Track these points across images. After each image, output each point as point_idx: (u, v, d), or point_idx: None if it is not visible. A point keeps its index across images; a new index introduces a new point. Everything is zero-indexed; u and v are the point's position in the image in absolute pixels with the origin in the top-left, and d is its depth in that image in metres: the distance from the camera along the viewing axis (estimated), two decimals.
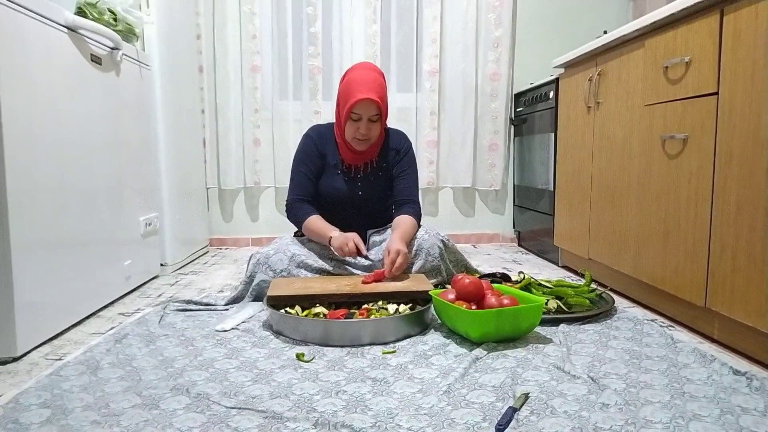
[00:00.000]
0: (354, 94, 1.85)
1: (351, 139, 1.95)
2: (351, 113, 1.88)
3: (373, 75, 1.91)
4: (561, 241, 2.56)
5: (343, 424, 1.03)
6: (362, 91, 1.84)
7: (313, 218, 1.95)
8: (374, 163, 2.06)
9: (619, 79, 1.98)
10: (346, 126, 1.92)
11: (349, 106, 1.86)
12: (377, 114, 1.90)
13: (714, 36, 1.45)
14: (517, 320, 1.46)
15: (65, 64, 1.66)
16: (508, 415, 1.05)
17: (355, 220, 2.04)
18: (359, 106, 1.86)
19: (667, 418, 1.05)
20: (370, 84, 1.87)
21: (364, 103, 1.85)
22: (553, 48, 3.26)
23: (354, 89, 1.86)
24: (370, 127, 1.91)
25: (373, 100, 1.85)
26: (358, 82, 1.87)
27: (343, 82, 1.94)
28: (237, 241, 3.35)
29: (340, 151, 2.03)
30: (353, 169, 2.04)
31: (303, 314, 1.59)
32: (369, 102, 1.85)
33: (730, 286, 1.40)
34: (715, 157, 1.46)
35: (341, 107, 1.94)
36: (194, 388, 1.19)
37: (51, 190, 1.56)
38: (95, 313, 1.82)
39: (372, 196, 2.06)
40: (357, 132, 1.91)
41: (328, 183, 2.04)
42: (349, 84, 1.89)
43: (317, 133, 2.07)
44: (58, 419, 1.06)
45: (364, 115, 1.88)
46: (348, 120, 1.90)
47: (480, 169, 3.32)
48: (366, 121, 1.89)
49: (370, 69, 1.95)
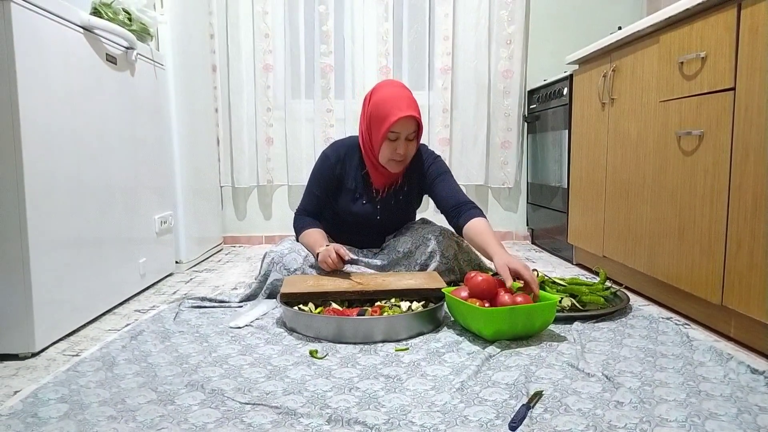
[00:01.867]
0: (393, 113, 1.77)
1: (387, 162, 1.86)
2: (389, 133, 1.79)
3: (405, 92, 1.84)
4: (575, 238, 2.54)
5: (356, 421, 1.03)
6: (402, 109, 1.77)
7: (308, 232, 1.94)
8: (397, 185, 1.99)
9: (634, 75, 1.96)
10: (383, 147, 1.83)
11: (388, 125, 1.77)
12: (415, 132, 1.83)
13: (731, 31, 1.43)
14: (530, 318, 1.45)
15: (81, 64, 1.68)
16: (521, 412, 1.04)
17: (371, 237, 2.04)
18: (398, 125, 1.78)
19: (683, 416, 1.04)
20: (406, 101, 1.80)
21: (403, 120, 1.77)
22: (566, 44, 3.23)
23: (391, 107, 1.78)
24: (408, 146, 1.83)
25: (413, 116, 1.78)
26: (393, 99, 1.79)
27: (373, 101, 1.84)
28: (250, 239, 3.37)
29: (369, 174, 1.95)
30: (374, 191, 1.98)
31: (316, 311, 1.60)
32: (409, 119, 1.78)
33: (747, 284, 1.39)
34: (731, 153, 1.44)
35: (376, 128, 1.83)
36: (209, 384, 1.20)
37: (68, 189, 1.58)
38: (111, 310, 1.85)
39: (391, 219, 2.03)
40: (395, 153, 1.82)
41: (344, 207, 1.99)
42: (383, 103, 1.80)
43: (336, 154, 1.97)
44: (76, 414, 1.07)
45: (403, 133, 1.80)
46: (385, 140, 1.81)
47: (493, 166, 3.31)
48: (404, 141, 1.82)
49: (400, 86, 1.86)
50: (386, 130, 1.78)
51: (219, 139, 3.21)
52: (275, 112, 3.22)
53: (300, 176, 3.26)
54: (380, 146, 1.83)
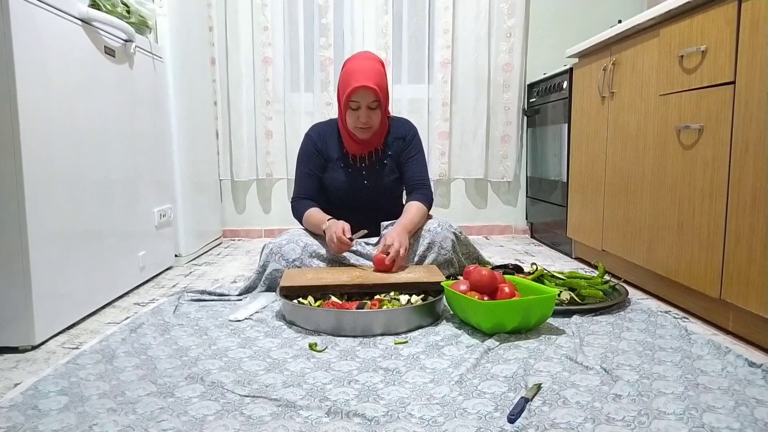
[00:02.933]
0: (350, 83, 1.87)
1: (353, 128, 1.96)
2: (350, 102, 1.90)
3: (370, 63, 1.92)
4: (574, 232, 2.54)
5: (355, 413, 1.04)
6: (358, 80, 1.86)
7: (311, 211, 1.98)
8: (380, 152, 2.07)
9: (634, 68, 1.95)
10: (347, 115, 1.94)
11: (347, 95, 1.88)
12: (376, 101, 1.91)
13: (731, 24, 1.43)
14: (529, 311, 1.46)
15: (80, 56, 1.67)
16: (520, 405, 1.05)
17: (365, 214, 2.04)
18: (357, 95, 1.88)
19: (681, 409, 1.04)
20: (366, 72, 1.88)
21: (361, 90, 1.87)
22: (566, 38, 3.22)
23: (351, 78, 1.88)
24: (370, 114, 1.92)
25: (369, 87, 1.86)
26: (354, 71, 1.90)
27: (342, 72, 1.96)
28: (249, 233, 3.37)
29: (344, 144, 2.04)
30: (357, 159, 2.05)
31: (315, 305, 1.60)
32: (366, 89, 1.87)
33: (746, 278, 1.39)
34: (731, 147, 1.44)
35: (340, 97, 1.96)
36: (208, 377, 1.20)
37: (67, 183, 1.58)
38: (111, 303, 1.85)
39: (378, 186, 2.07)
40: (357, 121, 1.93)
41: (331, 177, 2.05)
42: (346, 74, 1.92)
43: (316, 131, 2.09)
44: (76, 406, 1.08)
45: (363, 102, 1.89)
46: (348, 109, 1.92)
47: (492, 160, 3.31)
48: (365, 109, 1.91)
49: (368, 58, 1.96)
50: (347, 99, 1.89)
51: (218, 133, 3.20)
52: (274, 106, 3.21)
53: None
54: (344, 114, 1.95)
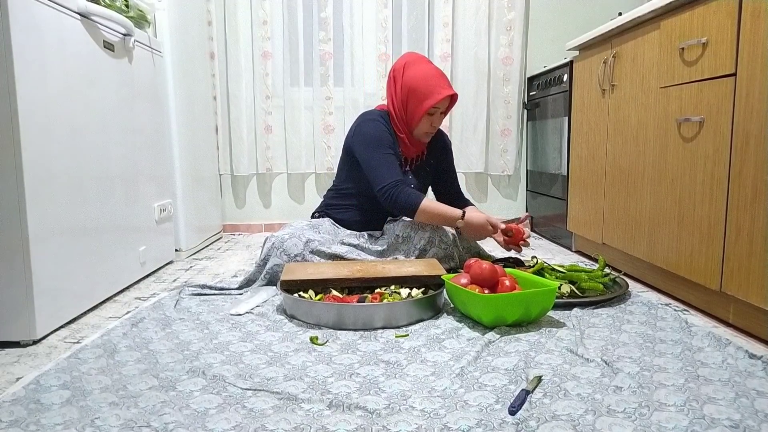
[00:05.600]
0: (437, 90, 1.89)
1: (424, 133, 1.99)
2: (432, 107, 1.91)
3: (438, 69, 1.96)
4: (574, 226, 2.54)
5: (357, 406, 1.04)
6: (444, 87, 1.91)
7: (429, 201, 1.91)
8: (423, 157, 2.09)
9: (634, 61, 1.95)
10: (422, 121, 1.95)
11: (432, 102, 1.89)
12: (447, 105, 1.97)
13: (732, 16, 1.42)
14: (529, 304, 1.46)
15: (79, 51, 1.67)
16: (521, 397, 1.05)
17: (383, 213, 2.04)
18: (443, 101, 1.92)
19: (681, 401, 1.05)
20: (444, 78, 1.94)
21: (447, 98, 1.91)
22: (566, 30, 3.21)
23: (435, 84, 1.90)
24: (441, 119, 1.99)
25: (455, 94, 1.92)
26: (432, 77, 1.91)
27: (410, 76, 1.92)
28: (250, 227, 3.37)
29: (399, 144, 2.02)
30: (403, 161, 2.06)
31: (316, 298, 1.60)
32: (450, 96, 1.92)
33: (746, 270, 1.39)
34: (731, 139, 1.44)
35: (416, 103, 1.92)
36: (210, 371, 1.21)
37: (67, 178, 1.58)
38: (111, 298, 1.85)
39: (414, 188, 2.03)
40: (431, 126, 1.97)
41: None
42: (424, 79, 1.90)
43: (381, 118, 2.00)
44: (78, 400, 1.08)
45: (441, 108, 1.94)
46: (426, 115, 1.93)
47: (492, 154, 3.31)
48: (439, 115, 1.96)
49: (430, 62, 1.99)
50: (429, 107, 1.90)
51: (218, 127, 3.20)
52: (274, 100, 3.21)
53: (299, 164, 3.25)
54: (420, 121, 1.95)
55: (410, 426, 0.97)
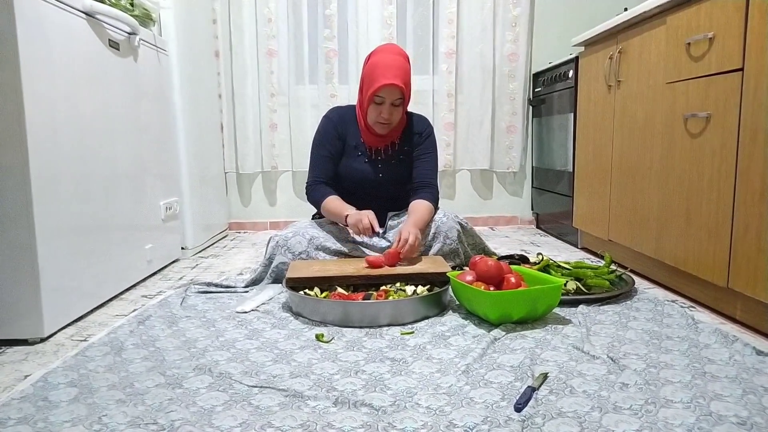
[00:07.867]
0: (378, 79, 1.84)
1: (373, 123, 1.95)
2: (374, 97, 1.88)
3: (398, 59, 1.89)
4: (580, 222, 2.53)
5: (362, 403, 1.04)
6: (387, 76, 1.84)
7: (331, 198, 1.96)
8: (396, 147, 2.06)
9: (641, 57, 1.94)
10: (369, 109, 1.92)
11: (372, 91, 1.86)
12: (400, 98, 1.90)
13: (740, 10, 1.41)
14: (535, 301, 1.46)
15: (84, 50, 1.67)
16: (527, 394, 1.05)
17: (376, 203, 2.04)
18: (383, 91, 1.86)
19: (688, 397, 1.04)
20: (395, 69, 1.86)
21: (388, 88, 1.85)
22: (572, 26, 3.19)
23: (379, 73, 1.85)
24: (393, 111, 1.91)
25: (397, 85, 1.84)
26: (383, 66, 1.86)
27: (368, 64, 1.93)
28: (255, 225, 3.38)
29: (361, 134, 2.03)
30: (374, 151, 2.04)
31: (322, 296, 1.60)
32: (393, 87, 1.85)
33: (754, 267, 1.38)
34: (739, 134, 1.42)
35: (365, 90, 1.93)
36: (216, 368, 1.21)
37: (73, 176, 1.59)
38: (118, 296, 1.86)
39: (392, 179, 2.06)
40: (379, 116, 1.92)
41: (348, 164, 2.04)
42: (373, 67, 1.88)
43: (338, 114, 2.06)
44: (85, 398, 1.09)
45: (388, 99, 1.88)
46: (371, 103, 1.90)
47: (498, 151, 3.30)
48: (389, 106, 1.90)
49: (396, 53, 1.92)
50: (372, 94, 1.87)
51: (223, 125, 3.20)
52: (279, 98, 3.21)
53: (304, 162, 3.23)
54: (367, 108, 1.93)
55: (416, 423, 0.97)
